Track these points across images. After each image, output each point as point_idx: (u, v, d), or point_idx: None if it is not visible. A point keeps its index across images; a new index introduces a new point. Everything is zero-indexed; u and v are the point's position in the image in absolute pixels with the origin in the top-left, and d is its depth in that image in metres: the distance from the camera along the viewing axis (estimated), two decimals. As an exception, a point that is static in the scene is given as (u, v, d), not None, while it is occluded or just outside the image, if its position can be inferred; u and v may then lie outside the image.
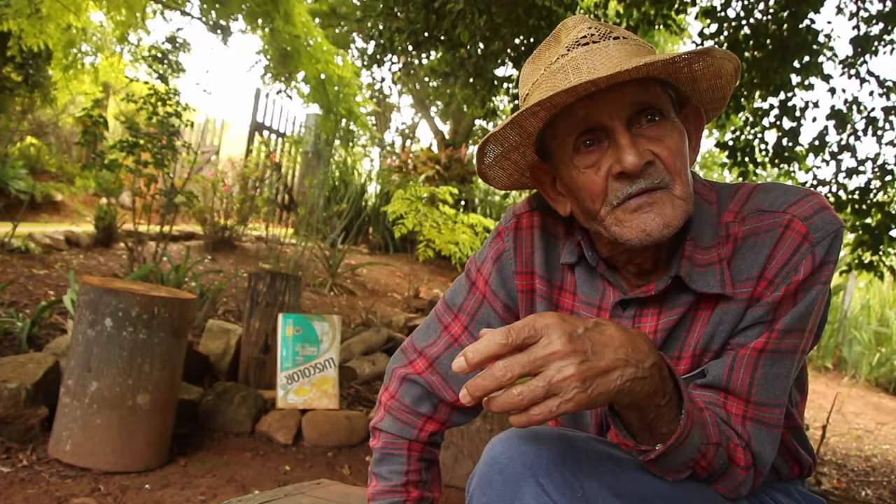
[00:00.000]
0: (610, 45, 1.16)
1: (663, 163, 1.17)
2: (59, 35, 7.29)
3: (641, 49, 1.18)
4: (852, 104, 5.62)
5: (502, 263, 1.47)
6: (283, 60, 7.36)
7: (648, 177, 1.16)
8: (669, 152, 1.17)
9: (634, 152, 1.14)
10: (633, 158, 1.13)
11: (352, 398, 4.88)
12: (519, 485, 1.10)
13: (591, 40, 1.17)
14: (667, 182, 1.17)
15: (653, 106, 1.17)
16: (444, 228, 7.03)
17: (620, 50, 1.16)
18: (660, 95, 1.18)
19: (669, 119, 1.19)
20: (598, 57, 1.15)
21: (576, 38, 1.18)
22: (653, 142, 1.17)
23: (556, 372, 0.93)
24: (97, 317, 3.32)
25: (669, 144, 1.17)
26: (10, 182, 9.05)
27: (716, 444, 1.16)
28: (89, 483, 3.17)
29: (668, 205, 1.17)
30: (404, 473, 1.53)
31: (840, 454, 6.52)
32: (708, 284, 1.22)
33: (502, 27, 5.80)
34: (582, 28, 1.19)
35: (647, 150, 1.16)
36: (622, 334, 1.00)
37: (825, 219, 1.20)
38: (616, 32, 1.18)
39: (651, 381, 1.02)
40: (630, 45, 1.17)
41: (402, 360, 1.59)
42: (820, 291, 1.21)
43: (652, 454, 1.12)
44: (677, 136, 1.19)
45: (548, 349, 0.93)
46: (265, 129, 11.19)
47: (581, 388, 0.93)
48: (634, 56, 1.15)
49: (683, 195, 1.18)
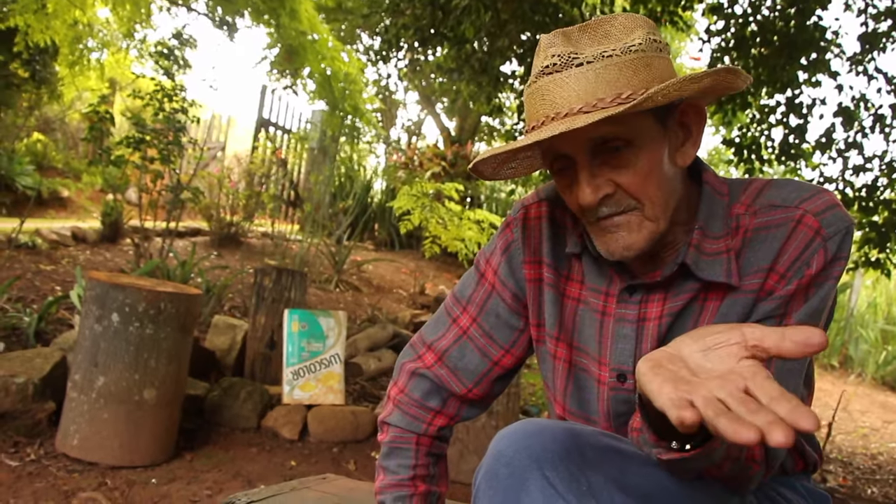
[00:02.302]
0: (571, 74, 1.15)
1: (626, 190, 1.19)
2: (66, 31, 7.28)
3: (608, 70, 1.15)
4: (860, 101, 5.61)
5: (511, 254, 1.48)
6: (288, 56, 7.37)
7: (610, 206, 1.20)
8: (633, 179, 1.18)
9: (590, 189, 1.18)
10: (587, 197, 1.18)
11: (357, 394, 4.89)
12: (525, 477, 1.10)
13: (553, 70, 1.17)
14: (632, 206, 1.20)
15: (614, 137, 1.16)
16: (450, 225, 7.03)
17: (580, 80, 1.15)
18: (625, 122, 1.15)
19: (635, 144, 1.17)
20: (558, 90, 1.16)
21: (541, 67, 1.19)
22: (616, 170, 1.18)
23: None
24: (104, 312, 3.33)
25: (633, 171, 1.18)
26: (17, 178, 9.07)
27: (734, 459, 1.15)
28: (96, 477, 3.18)
29: (633, 228, 1.21)
30: (412, 467, 1.53)
31: (846, 452, 6.51)
32: (714, 273, 1.23)
33: (508, 23, 5.79)
34: (548, 54, 1.18)
35: (608, 182, 1.19)
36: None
37: (837, 215, 1.20)
38: (581, 56, 1.16)
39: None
40: (593, 70, 1.15)
41: (411, 354, 1.59)
42: (832, 287, 1.21)
43: (667, 455, 1.11)
44: (645, 160, 1.18)
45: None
46: (271, 126, 11.19)
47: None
48: (594, 86, 1.14)
49: (653, 215, 1.20)
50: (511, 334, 1.51)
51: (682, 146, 1.25)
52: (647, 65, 1.16)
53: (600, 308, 1.36)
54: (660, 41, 1.20)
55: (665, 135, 1.21)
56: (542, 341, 1.47)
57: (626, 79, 1.14)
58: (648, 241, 1.21)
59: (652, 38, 1.18)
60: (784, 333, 0.83)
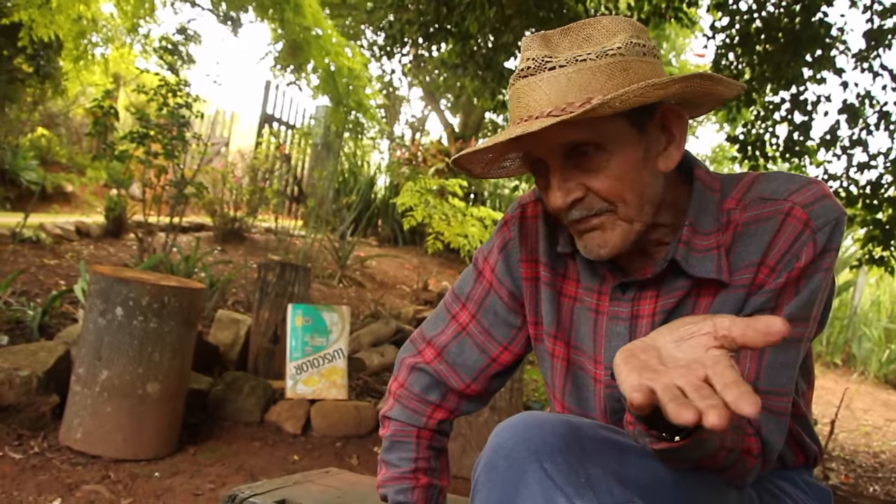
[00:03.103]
0: (543, 78, 1.17)
1: (596, 193, 1.19)
2: (70, 26, 7.28)
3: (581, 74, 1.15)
4: (865, 98, 5.59)
5: (508, 252, 1.49)
6: (293, 52, 7.38)
7: (581, 209, 1.21)
8: (603, 182, 1.19)
9: (560, 193, 1.20)
10: (557, 201, 1.21)
11: (360, 389, 4.90)
12: (523, 469, 1.11)
13: (528, 73, 1.19)
14: (605, 208, 1.21)
15: (585, 142, 1.17)
16: (453, 221, 7.03)
17: (551, 84, 1.16)
18: (596, 126, 1.15)
19: (606, 148, 1.18)
20: (532, 94, 1.18)
21: (518, 70, 1.21)
22: (587, 174, 1.19)
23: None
24: (108, 306, 3.33)
25: (605, 175, 1.18)
26: (21, 173, 9.08)
27: (728, 450, 1.16)
28: (100, 470, 3.19)
29: (608, 230, 1.22)
30: (413, 461, 1.54)
31: (848, 450, 6.51)
32: (704, 269, 1.23)
33: (512, 19, 5.79)
34: (525, 56, 1.20)
35: (579, 185, 1.20)
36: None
37: (826, 206, 1.20)
38: (555, 60, 1.17)
39: None
40: (564, 74, 1.15)
41: (411, 349, 1.60)
42: (822, 279, 1.21)
43: (658, 444, 1.12)
44: (616, 164, 1.18)
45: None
46: (275, 121, 11.19)
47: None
48: (566, 90, 1.15)
49: (627, 216, 1.21)
50: (509, 332, 1.52)
51: (664, 150, 1.24)
52: (625, 69, 1.16)
53: (594, 306, 1.37)
54: (644, 45, 1.19)
55: (641, 138, 1.20)
56: (540, 339, 1.48)
57: (599, 83, 1.14)
58: (623, 241, 1.22)
59: (634, 42, 1.17)
60: (748, 323, 0.87)
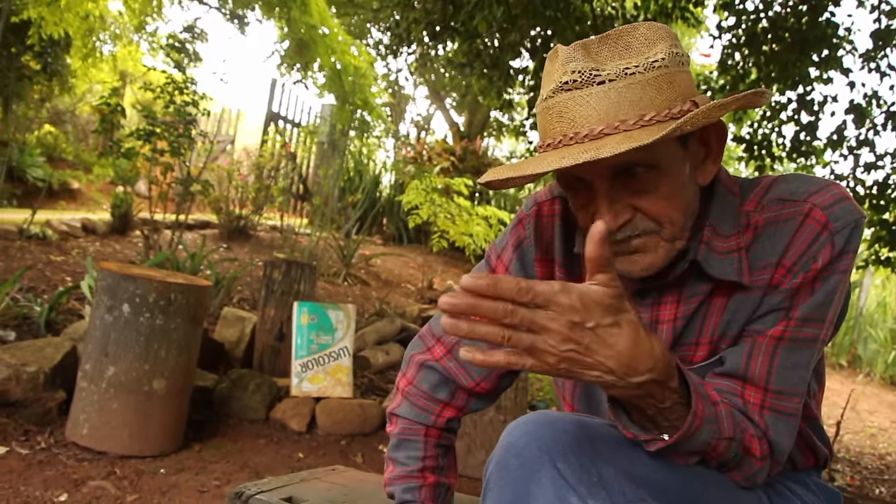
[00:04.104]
0: (592, 93, 1.12)
1: (646, 214, 1.18)
2: (79, 23, 7.31)
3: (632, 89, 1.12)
4: (872, 98, 5.58)
5: (523, 251, 1.47)
6: (299, 50, 7.38)
7: (629, 229, 1.18)
8: (653, 204, 1.17)
9: (609, 216, 1.16)
10: (607, 224, 1.13)
11: (365, 387, 4.90)
12: (536, 468, 1.11)
13: (573, 87, 1.13)
14: (651, 229, 1.19)
15: (637, 163, 1.14)
16: (458, 220, 7.04)
17: (602, 99, 1.12)
18: (650, 147, 1.10)
19: (659, 167, 1.15)
20: (578, 108, 1.13)
21: (559, 83, 1.15)
22: (635, 195, 1.17)
23: (543, 342, 0.96)
24: (115, 302, 3.34)
25: (654, 196, 1.17)
26: (28, 170, 9.11)
27: (728, 439, 1.16)
28: (105, 466, 3.19)
29: (650, 250, 1.20)
30: (421, 459, 1.53)
31: (854, 452, 6.49)
32: (725, 271, 1.22)
33: (519, 18, 5.78)
34: (567, 69, 1.14)
35: (628, 207, 1.17)
36: (629, 347, 1.00)
37: (845, 208, 1.19)
38: (603, 74, 1.12)
39: (638, 391, 1.05)
40: (615, 89, 1.12)
41: (420, 346, 1.59)
42: (839, 281, 1.21)
43: (653, 445, 1.13)
44: (666, 183, 1.17)
45: (549, 324, 0.96)
46: (281, 119, 11.20)
47: (553, 364, 0.98)
48: (616, 107, 1.11)
49: (671, 236, 1.20)
50: None
51: (702, 164, 1.24)
52: (671, 82, 1.14)
53: None
54: (681, 53, 1.17)
55: (686, 155, 1.20)
56: None
57: (650, 98, 1.12)
58: (666, 260, 1.21)
59: (674, 52, 1.15)
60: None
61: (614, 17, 6.13)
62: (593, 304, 0.98)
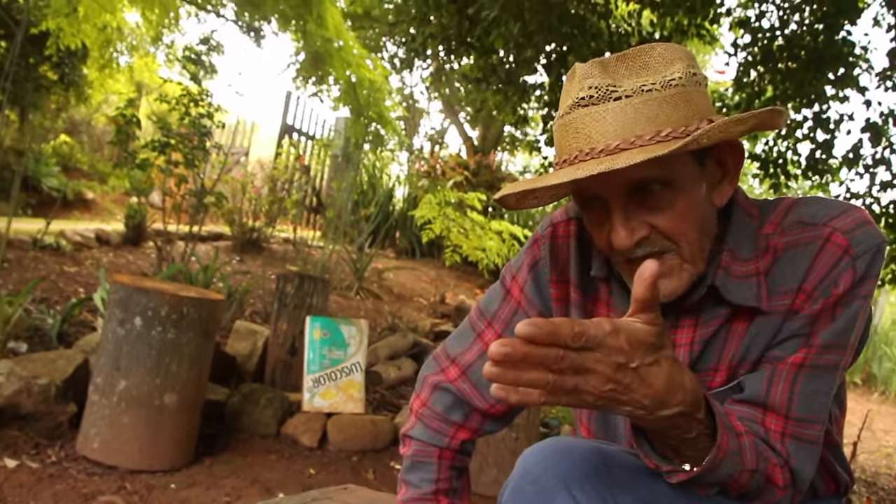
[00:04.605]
0: (609, 108, 1.12)
1: (662, 232, 1.16)
2: (96, 34, 7.36)
3: (648, 106, 1.12)
4: (888, 117, 5.55)
5: (538, 272, 1.46)
6: (314, 63, 7.39)
7: (645, 247, 1.17)
8: (669, 221, 1.15)
9: (625, 233, 1.15)
10: (622, 240, 1.15)
11: (377, 403, 4.88)
12: (552, 497, 1.09)
13: (590, 102, 1.13)
14: (668, 247, 1.17)
15: (653, 179, 1.13)
16: (471, 234, 7.03)
17: (619, 115, 1.11)
18: (664, 163, 1.11)
19: (674, 185, 1.15)
20: (595, 124, 1.12)
21: (576, 99, 1.15)
22: (651, 212, 1.15)
23: (585, 383, 0.93)
24: (127, 315, 3.34)
25: (671, 213, 1.15)
26: (43, 179, 9.15)
27: (751, 471, 1.14)
28: (116, 481, 3.19)
29: (674, 273, 1.18)
30: (434, 482, 1.52)
31: (870, 472, 6.43)
32: (743, 297, 1.20)
33: (535, 34, 5.78)
34: (584, 86, 1.14)
35: (644, 224, 1.16)
36: (665, 384, 0.99)
37: (867, 233, 1.17)
38: (620, 90, 1.12)
39: (666, 422, 1.03)
40: (632, 105, 1.11)
41: (434, 367, 1.57)
42: (860, 306, 1.18)
43: (675, 478, 1.11)
44: (682, 201, 1.15)
45: (595, 366, 0.93)
46: (295, 132, 11.24)
47: (590, 402, 0.96)
48: (633, 122, 1.11)
49: (690, 256, 1.18)
50: None
51: (718, 184, 1.22)
52: (687, 100, 1.13)
53: None
54: (698, 73, 1.17)
55: (703, 174, 1.19)
56: None
57: (666, 115, 1.11)
58: (688, 285, 1.19)
59: (692, 72, 1.15)
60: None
61: (630, 34, 6.13)
62: (638, 344, 0.96)
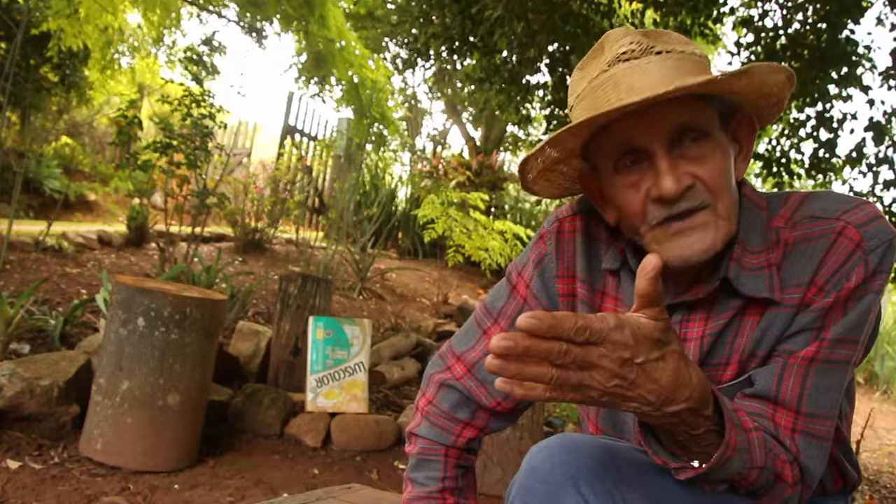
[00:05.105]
0: (651, 60, 1.14)
1: (705, 184, 1.15)
2: (97, 36, 7.37)
3: (684, 63, 1.15)
4: (891, 116, 5.54)
5: (544, 267, 1.45)
6: (317, 63, 7.40)
7: (689, 199, 1.15)
8: (711, 173, 1.15)
9: (672, 178, 1.13)
10: (670, 185, 1.12)
11: (381, 402, 4.87)
12: (559, 494, 1.08)
13: (631, 56, 1.15)
14: (709, 202, 1.15)
15: (694, 127, 1.14)
16: (474, 234, 7.03)
17: (661, 66, 1.14)
18: (702, 113, 1.15)
19: (712, 138, 1.16)
20: (637, 75, 1.13)
21: (616, 54, 1.16)
22: (694, 163, 1.15)
23: (590, 379, 0.93)
24: (130, 316, 3.33)
25: (711, 165, 1.15)
26: (45, 181, 9.15)
27: (760, 468, 1.12)
28: (119, 482, 3.18)
29: (710, 228, 1.16)
30: (440, 480, 1.51)
31: (872, 470, 6.42)
32: (756, 288, 1.19)
33: (538, 34, 5.78)
34: (623, 43, 1.16)
35: (687, 174, 1.14)
36: (671, 380, 0.99)
37: (879, 227, 1.16)
38: (659, 46, 1.16)
39: (673, 419, 1.02)
40: (672, 59, 1.15)
41: (440, 365, 1.56)
42: (872, 300, 1.18)
43: (683, 474, 1.10)
44: (720, 155, 1.17)
45: (600, 361, 0.92)
46: (297, 133, 11.24)
47: (595, 398, 0.95)
48: (675, 73, 1.13)
49: (726, 214, 1.17)
50: None
51: (735, 158, 1.23)
52: (709, 70, 1.18)
53: None
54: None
55: (728, 141, 1.21)
56: None
57: (699, 71, 1.16)
58: (723, 243, 1.18)
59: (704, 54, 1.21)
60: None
61: (633, 34, 6.11)
62: (643, 339, 0.95)
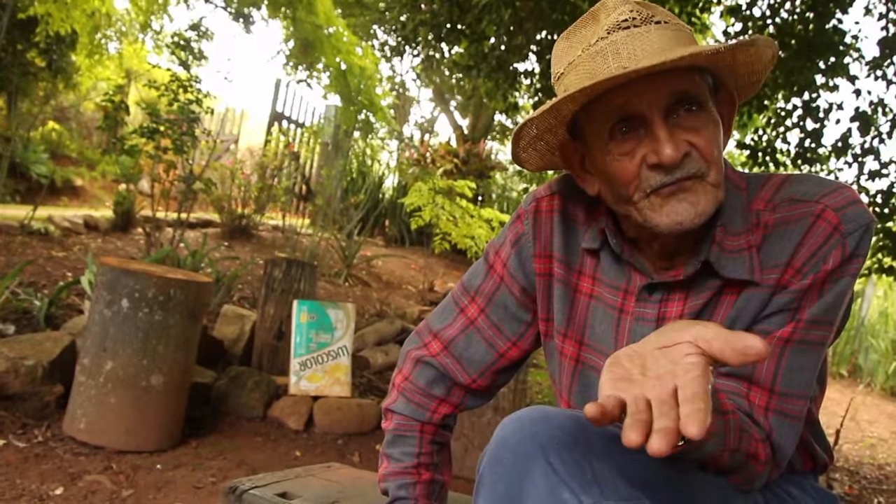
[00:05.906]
0: (651, 30, 1.15)
1: (700, 152, 1.16)
2: (85, 20, 7.32)
3: (682, 35, 1.17)
4: (878, 106, 5.56)
5: (521, 247, 1.46)
6: (304, 50, 7.38)
7: (685, 167, 1.16)
8: (706, 142, 1.16)
9: (672, 145, 1.14)
10: (670, 151, 1.13)
11: (364, 387, 4.89)
12: (529, 463, 1.09)
13: (632, 24, 1.15)
14: (703, 171, 1.17)
15: (691, 96, 1.16)
16: (460, 222, 7.03)
17: (661, 36, 1.15)
18: (699, 84, 1.17)
19: (706, 108, 1.18)
20: (638, 42, 1.14)
21: (616, 21, 1.16)
22: (690, 132, 1.16)
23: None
24: (114, 297, 3.33)
25: (706, 134, 1.17)
26: (32, 166, 9.12)
27: (732, 451, 1.14)
28: (102, 461, 3.19)
29: (701, 194, 1.17)
30: (416, 455, 1.52)
31: (853, 461, 6.47)
32: (736, 270, 1.21)
33: (525, 21, 5.77)
34: (623, 10, 1.17)
35: (684, 142, 1.16)
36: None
37: (857, 211, 1.19)
38: (658, 16, 1.17)
39: None
40: (670, 30, 1.16)
41: (417, 342, 1.58)
42: (848, 283, 1.20)
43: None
44: (713, 126, 1.18)
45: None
46: (284, 119, 11.22)
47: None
48: (675, 43, 1.15)
49: (716, 182, 1.18)
50: (518, 327, 1.50)
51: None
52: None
53: (618, 305, 1.34)
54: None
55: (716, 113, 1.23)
56: (550, 336, 1.46)
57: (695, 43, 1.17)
58: (714, 208, 1.19)
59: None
60: (728, 340, 0.87)
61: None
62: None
